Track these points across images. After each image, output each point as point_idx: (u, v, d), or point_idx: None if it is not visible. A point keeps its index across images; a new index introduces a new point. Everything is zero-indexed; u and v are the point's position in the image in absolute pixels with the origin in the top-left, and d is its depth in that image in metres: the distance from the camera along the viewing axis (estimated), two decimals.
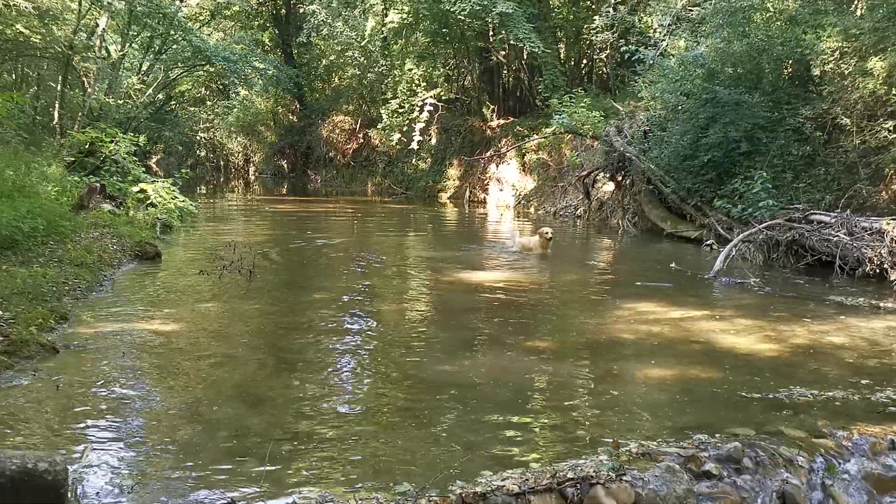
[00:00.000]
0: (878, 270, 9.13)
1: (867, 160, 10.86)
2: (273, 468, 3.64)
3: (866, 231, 9.51)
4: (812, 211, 10.46)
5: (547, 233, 11.12)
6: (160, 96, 27.02)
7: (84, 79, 19.97)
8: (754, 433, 4.18)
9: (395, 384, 5.19)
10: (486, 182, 23.03)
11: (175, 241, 11.96)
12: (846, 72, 11.04)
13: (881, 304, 7.92)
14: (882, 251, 9.08)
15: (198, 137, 35.90)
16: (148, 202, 12.93)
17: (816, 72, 11.49)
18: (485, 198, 22.70)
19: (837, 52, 11.11)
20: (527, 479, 3.44)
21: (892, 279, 8.91)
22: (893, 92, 10.29)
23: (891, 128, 10.44)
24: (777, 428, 4.28)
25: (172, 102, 31.16)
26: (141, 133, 20.38)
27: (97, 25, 21.14)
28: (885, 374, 5.48)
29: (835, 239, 9.63)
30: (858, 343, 6.40)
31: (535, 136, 20.58)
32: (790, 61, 12.34)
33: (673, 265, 10.24)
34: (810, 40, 11.61)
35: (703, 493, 3.58)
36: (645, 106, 16.71)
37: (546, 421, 4.51)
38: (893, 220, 9.37)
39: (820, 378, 5.35)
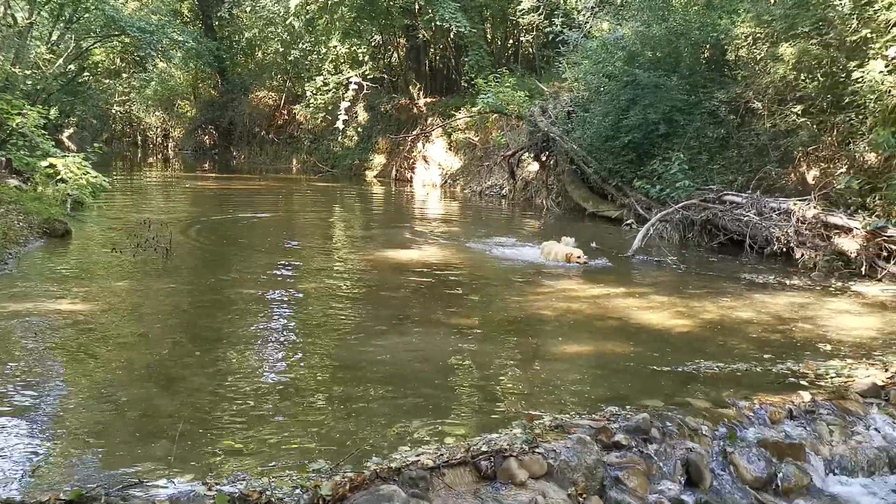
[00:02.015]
0: (784, 249, 9.53)
1: (777, 143, 11.27)
2: (184, 448, 3.57)
3: (775, 211, 9.91)
4: (725, 192, 10.82)
5: (580, 257, 9.19)
6: (72, 67, 25.77)
7: None
8: (663, 404, 4.34)
9: (315, 363, 5.15)
10: (412, 161, 22.93)
11: (87, 217, 11.52)
12: (758, 57, 11.40)
13: (787, 282, 8.32)
14: (789, 231, 9.48)
15: (113, 111, 34.52)
16: (58, 178, 12.36)
17: (731, 56, 11.83)
18: (411, 176, 22.61)
19: (751, 37, 11.45)
20: (442, 454, 3.47)
21: (797, 257, 9.33)
22: (802, 77, 10.69)
23: (799, 112, 10.85)
24: (685, 399, 4.46)
25: (86, 74, 29.75)
26: (51, 105, 19.44)
27: None
28: (786, 347, 5.75)
29: (745, 219, 10.01)
30: (764, 318, 6.69)
31: (461, 116, 20.59)
32: (707, 45, 12.68)
33: (593, 244, 10.44)
34: (725, 25, 11.95)
35: (613, 463, 3.69)
36: (569, 87, 16.90)
37: (466, 397, 4.56)
38: (800, 201, 9.78)
39: (727, 351, 5.58)
